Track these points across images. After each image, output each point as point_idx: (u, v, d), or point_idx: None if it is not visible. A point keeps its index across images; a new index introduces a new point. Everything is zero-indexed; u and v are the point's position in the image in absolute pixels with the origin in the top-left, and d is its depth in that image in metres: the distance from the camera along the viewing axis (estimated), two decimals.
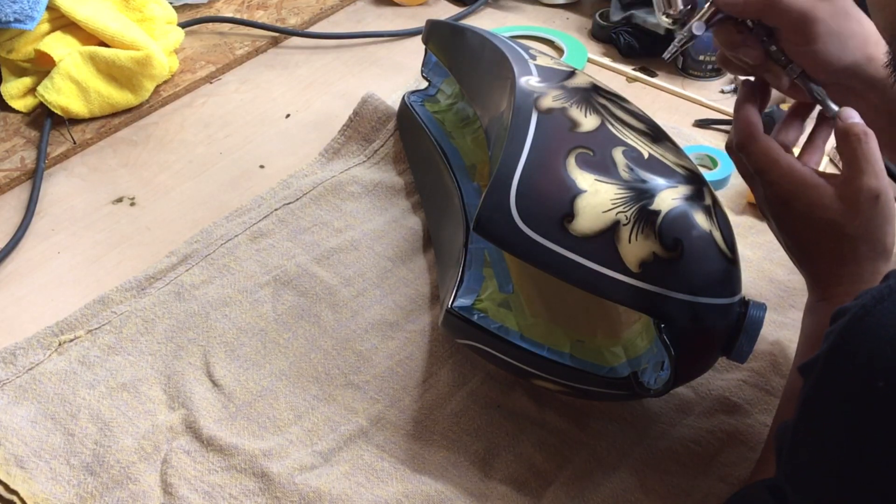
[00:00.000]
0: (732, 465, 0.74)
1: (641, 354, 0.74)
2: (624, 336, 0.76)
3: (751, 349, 0.70)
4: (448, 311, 0.74)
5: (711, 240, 0.67)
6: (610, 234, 0.65)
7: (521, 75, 0.75)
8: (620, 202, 0.66)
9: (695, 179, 0.70)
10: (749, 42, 0.70)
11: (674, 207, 0.66)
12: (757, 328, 0.69)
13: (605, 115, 0.71)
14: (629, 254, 0.65)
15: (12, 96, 1.05)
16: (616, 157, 0.68)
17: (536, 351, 0.72)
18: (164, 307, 0.85)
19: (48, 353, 0.80)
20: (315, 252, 0.91)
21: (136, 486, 0.72)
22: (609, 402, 0.77)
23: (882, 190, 0.65)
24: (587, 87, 0.75)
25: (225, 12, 1.23)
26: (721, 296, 0.67)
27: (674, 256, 0.65)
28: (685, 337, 0.67)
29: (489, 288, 0.79)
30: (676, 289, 0.65)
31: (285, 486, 0.71)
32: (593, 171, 0.67)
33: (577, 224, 0.65)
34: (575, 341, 0.76)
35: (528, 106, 0.71)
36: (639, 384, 0.69)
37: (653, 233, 0.65)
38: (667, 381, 0.68)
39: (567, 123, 0.70)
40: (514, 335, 0.74)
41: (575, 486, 0.73)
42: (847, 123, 0.67)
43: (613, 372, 0.73)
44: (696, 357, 0.69)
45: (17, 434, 0.74)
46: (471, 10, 1.26)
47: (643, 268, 0.65)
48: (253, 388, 0.79)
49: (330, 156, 1.02)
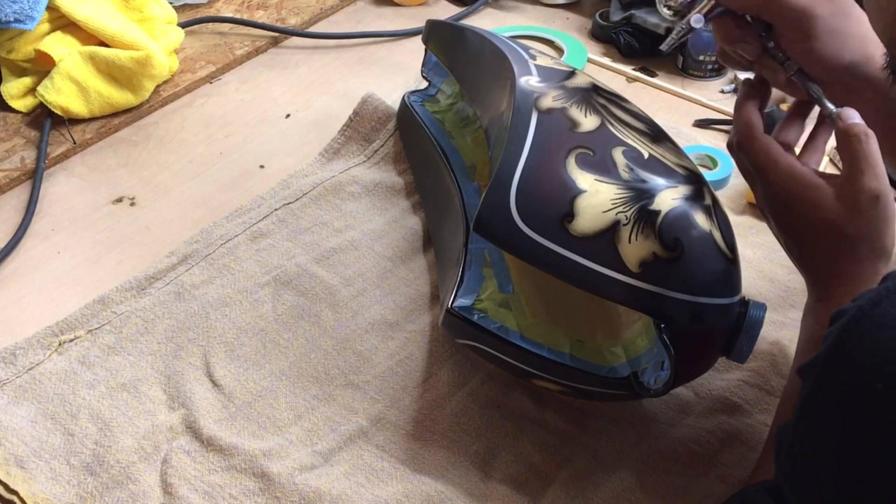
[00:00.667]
0: (732, 466, 0.74)
1: (642, 354, 0.74)
2: (624, 336, 0.77)
3: (751, 349, 0.70)
4: (448, 310, 0.75)
5: (711, 240, 0.68)
6: (610, 234, 0.65)
7: (521, 75, 0.76)
8: (620, 202, 0.66)
9: (695, 179, 0.70)
10: (747, 37, 0.71)
11: (674, 207, 0.67)
12: (757, 328, 0.70)
13: (605, 115, 0.72)
14: (629, 254, 0.65)
15: (12, 96, 1.06)
16: (616, 157, 0.68)
17: (536, 351, 0.73)
18: (164, 307, 0.86)
19: (48, 353, 0.81)
20: (315, 252, 0.91)
21: (135, 486, 0.72)
22: (609, 402, 0.78)
23: (882, 191, 0.65)
24: (587, 87, 0.75)
25: (225, 12, 1.24)
26: (721, 296, 0.68)
27: (674, 256, 0.66)
28: (685, 337, 0.67)
29: (489, 288, 0.80)
30: (676, 289, 0.66)
31: (285, 486, 0.72)
32: (593, 171, 0.67)
33: (577, 224, 0.66)
34: (575, 341, 0.76)
35: (528, 106, 0.72)
36: (639, 384, 0.70)
37: (653, 233, 0.65)
38: (667, 382, 0.68)
39: (567, 123, 0.70)
40: (514, 335, 0.75)
41: (575, 485, 0.73)
42: (848, 124, 0.67)
43: (613, 372, 0.74)
44: (697, 357, 0.70)
45: (16, 434, 0.75)
46: (471, 10, 1.27)
47: (643, 268, 0.65)
48: (253, 388, 0.80)
49: (330, 156, 1.03)
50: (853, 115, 0.68)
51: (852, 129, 0.66)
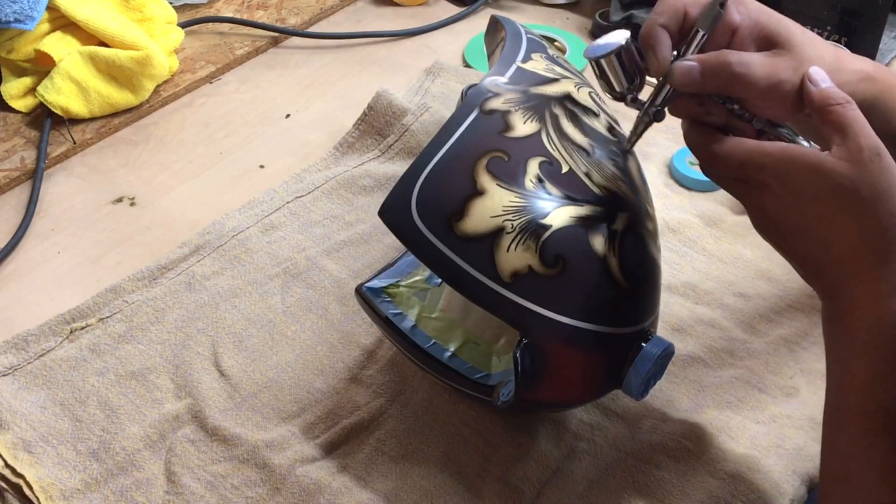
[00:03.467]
0: (722, 461, 0.77)
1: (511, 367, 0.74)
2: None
3: (641, 386, 0.70)
4: (356, 289, 0.80)
5: (603, 265, 0.68)
6: (490, 240, 0.66)
7: (492, 74, 0.76)
8: (512, 210, 0.67)
9: (612, 202, 0.70)
10: (712, 110, 0.69)
11: (567, 225, 0.67)
12: (647, 365, 0.70)
13: (549, 125, 0.72)
14: (504, 262, 0.66)
15: (12, 96, 1.08)
16: (530, 166, 0.69)
17: (419, 343, 0.77)
18: (174, 297, 0.89)
19: (59, 341, 0.85)
20: (325, 245, 0.95)
21: (140, 474, 0.76)
22: (599, 396, 0.79)
23: (881, 147, 0.63)
24: (554, 96, 0.74)
25: (225, 12, 1.25)
26: (604, 324, 0.68)
27: (551, 273, 0.67)
28: (552, 357, 0.68)
29: (417, 276, 0.83)
30: (549, 307, 0.67)
31: (286, 478, 0.75)
32: (498, 177, 0.68)
33: (463, 224, 0.67)
34: (469, 343, 0.79)
35: (473, 105, 0.72)
36: (495, 394, 0.72)
37: (534, 246, 0.66)
38: (509, 396, 0.70)
39: (500, 126, 0.70)
40: (407, 324, 0.78)
41: (570, 480, 0.76)
42: (824, 92, 0.65)
43: (487, 378, 0.77)
44: (564, 380, 0.71)
45: (25, 419, 0.79)
46: (471, 10, 1.28)
47: (515, 279, 0.66)
48: (259, 380, 0.83)
49: (344, 150, 1.05)
50: (823, 78, 0.66)
51: (832, 97, 0.64)
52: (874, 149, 0.62)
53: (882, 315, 0.62)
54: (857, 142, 0.62)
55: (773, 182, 0.65)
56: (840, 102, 0.64)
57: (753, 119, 0.69)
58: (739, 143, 0.66)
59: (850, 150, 0.63)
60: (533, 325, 0.67)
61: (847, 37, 1.12)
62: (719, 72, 0.66)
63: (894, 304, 0.62)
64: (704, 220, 0.99)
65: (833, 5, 1.11)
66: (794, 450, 0.79)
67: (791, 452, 0.78)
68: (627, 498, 0.76)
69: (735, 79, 0.66)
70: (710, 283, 0.93)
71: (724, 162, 0.67)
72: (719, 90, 0.68)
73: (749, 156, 0.66)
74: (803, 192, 0.64)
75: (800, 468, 0.77)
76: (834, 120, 0.64)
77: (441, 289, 0.83)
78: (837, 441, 0.65)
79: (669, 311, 0.89)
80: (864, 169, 0.62)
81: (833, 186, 0.63)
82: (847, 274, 0.64)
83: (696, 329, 0.88)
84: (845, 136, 0.63)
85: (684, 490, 0.76)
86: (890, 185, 0.62)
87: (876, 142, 0.63)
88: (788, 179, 0.64)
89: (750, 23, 0.69)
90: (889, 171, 0.62)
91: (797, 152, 0.64)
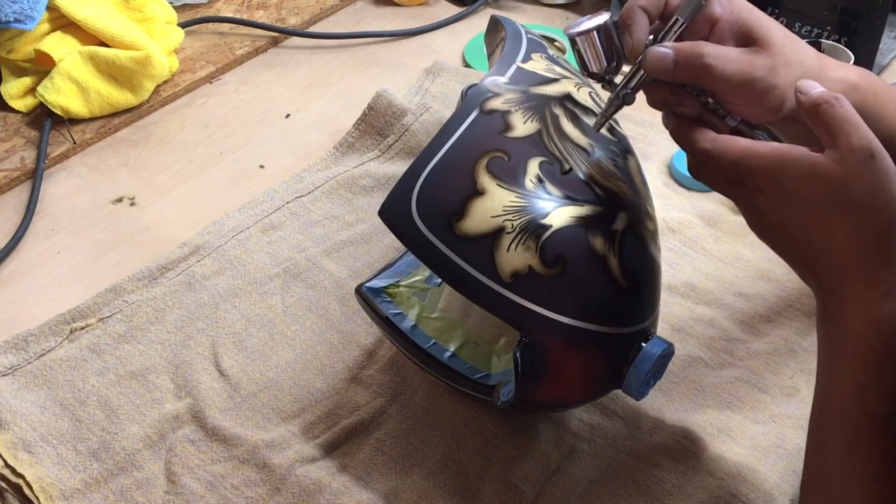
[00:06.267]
0: (722, 461, 0.78)
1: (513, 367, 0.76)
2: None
3: (642, 386, 0.71)
4: (356, 289, 0.80)
5: (603, 265, 0.69)
6: (490, 240, 0.67)
7: (492, 74, 0.76)
8: (512, 210, 0.67)
9: (612, 202, 0.70)
10: (684, 101, 0.68)
11: (567, 225, 0.68)
12: (647, 365, 0.70)
13: (548, 125, 0.72)
14: (504, 262, 0.67)
15: (12, 96, 1.08)
16: (530, 166, 0.69)
17: (419, 343, 0.77)
18: (174, 297, 0.90)
19: (59, 340, 0.85)
20: (325, 245, 0.95)
21: (140, 474, 0.76)
22: (599, 396, 0.80)
23: (875, 147, 0.62)
24: (554, 96, 0.75)
25: (225, 12, 1.26)
26: (604, 323, 0.69)
27: (552, 273, 0.67)
28: (552, 357, 0.68)
29: (417, 276, 0.84)
30: (549, 307, 0.67)
31: (286, 478, 0.76)
32: (499, 176, 0.68)
33: (463, 224, 0.67)
34: (469, 343, 0.80)
35: (473, 104, 0.72)
36: (495, 394, 0.72)
37: (534, 246, 0.67)
38: (509, 396, 0.70)
39: (500, 126, 0.71)
40: (407, 324, 0.79)
41: (570, 479, 0.77)
42: (812, 96, 0.64)
43: (487, 378, 0.77)
44: (564, 380, 0.71)
45: (25, 419, 0.79)
46: (471, 10, 1.29)
47: (515, 279, 0.67)
48: (259, 380, 0.83)
49: (344, 150, 1.06)
50: (814, 86, 0.64)
51: (821, 98, 0.63)
52: (866, 150, 0.61)
53: (872, 320, 0.62)
54: (849, 143, 0.61)
55: (766, 185, 0.64)
56: (828, 101, 0.63)
57: (728, 116, 0.68)
58: (733, 143, 0.65)
59: (842, 153, 0.62)
60: (533, 325, 0.68)
61: (847, 37, 1.13)
62: (692, 62, 0.66)
63: (885, 309, 0.62)
64: (704, 220, 1.00)
65: (833, 5, 1.12)
66: (794, 450, 0.79)
67: (791, 452, 0.79)
68: (627, 498, 0.76)
69: (707, 70, 0.65)
70: (710, 283, 0.93)
71: (716, 163, 0.66)
72: (691, 81, 0.67)
73: (742, 157, 0.65)
74: (796, 196, 0.63)
75: (800, 468, 0.77)
76: (825, 122, 0.63)
77: (441, 289, 0.83)
78: (820, 444, 0.65)
79: (669, 311, 0.90)
80: (857, 171, 0.61)
81: (826, 190, 0.62)
82: (840, 277, 0.63)
83: (696, 329, 0.89)
84: (837, 138, 0.62)
85: (684, 490, 0.76)
86: (883, 187, 0.61)
87: (869, 142, 0.62)
88: (781, 183, 0.63)
89: (731, 17, 0.69)
90: (883, 173, 0.61)
91: (790, 155, 0.63)
